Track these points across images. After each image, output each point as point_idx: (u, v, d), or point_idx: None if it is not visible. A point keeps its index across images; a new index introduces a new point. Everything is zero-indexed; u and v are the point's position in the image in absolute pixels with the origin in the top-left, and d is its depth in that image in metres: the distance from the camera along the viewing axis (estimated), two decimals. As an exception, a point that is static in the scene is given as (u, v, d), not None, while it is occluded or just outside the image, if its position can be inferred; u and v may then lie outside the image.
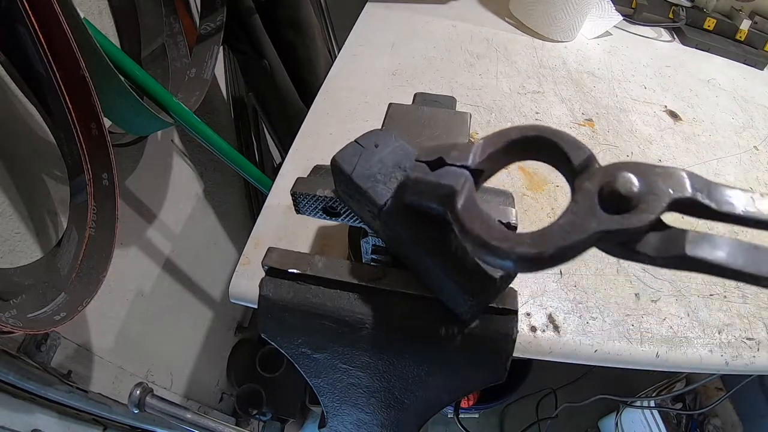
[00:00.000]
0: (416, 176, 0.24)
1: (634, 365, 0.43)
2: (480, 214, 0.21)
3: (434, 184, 0.23)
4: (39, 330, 0.43)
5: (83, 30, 0.46)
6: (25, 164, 0.55)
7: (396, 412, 0.30)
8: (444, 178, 0.23)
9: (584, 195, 0.20)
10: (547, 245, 0.19)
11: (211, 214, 1.09)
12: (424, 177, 0.23)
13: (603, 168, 0.21)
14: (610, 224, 0.19)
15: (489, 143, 0.23)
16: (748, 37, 0.89)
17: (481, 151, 0.23)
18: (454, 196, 0.22)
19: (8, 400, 0.53)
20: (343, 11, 0.99)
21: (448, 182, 0.22)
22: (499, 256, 0.20)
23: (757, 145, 0.68)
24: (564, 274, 0.47)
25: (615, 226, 0.19)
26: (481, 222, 0.21)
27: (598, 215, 0.19)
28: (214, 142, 0.74)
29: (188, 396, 1.05)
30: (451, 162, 0.23)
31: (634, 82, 0.76)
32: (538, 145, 0.23)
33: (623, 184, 0.19)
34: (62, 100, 0.43)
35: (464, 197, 0.22)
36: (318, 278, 0.29)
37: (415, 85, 0.68)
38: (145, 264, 0.85)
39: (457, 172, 0.23)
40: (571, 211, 0.20)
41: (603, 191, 0.20)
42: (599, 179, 0.20)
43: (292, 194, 0.32)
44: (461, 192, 0.22)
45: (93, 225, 0.50)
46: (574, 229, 0.19)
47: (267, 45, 0.88)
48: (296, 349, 0.30)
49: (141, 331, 0.85)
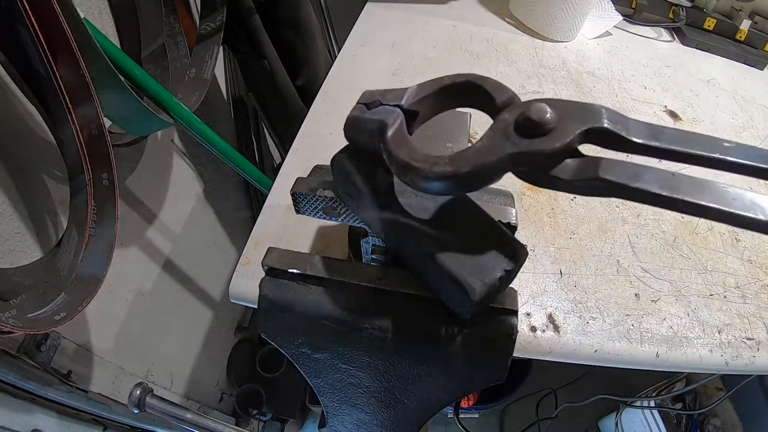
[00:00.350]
0: (353, 114, 0.26)
1: (634, 365, 0.43)
2: (407, 143, 0.23)
3: (367, 119, 0.25)
4: (39, 330, 0.43)
5: (83, 30, 0.45)
6: (25, 164, 0.55)
7: (396, 412, 0.30)
8: (377, 115, 0.25)
9: (500, 123, 0.22)
10: (462, 164, 0.21)
11: (211, 214, 1.09)
12: (361, 114, 0.26)
13: (522, 103, 0.22)
14: (522, 146, 0.21)
15: (422, 88, 0.25)
16: (748, 37, 0.89)
17: (414, 95, 0.25)
18: (384, 128, 0.24)
19: (8, 400, 0.53)
20: (343, 11, 0.99)
21: (380, 117, 0.25)
22: (420, 176, 0.22)
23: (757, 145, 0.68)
24: (564, 274, 0.47)
25: (527, 148, 0.20)
26: (407, 148, 0.23)
27: (512, 139, 0.21)
28: (214, 142, 0.74)
29: (188, 396, 1.05)
30: (386, 102, 0.25)
31: (634, 82, 0.76)
32: (467, 90, 0.25)
33: (536, 111, 0.21)
34: (62, 100, 0.43)
35: (393, 129, 0.24)
36: (318, 278, 0.29)
37: (415, 85, 0.68)
38: (145, 264, 0.85)
39: (389, 110, 0.25)
40: (488, 137, 0.22)
41: (518, 119, 0.21)
42: (516, 111, 0.22)
43: (292, 194, 0.32)
44: (391, 125, 0.24)
45: (93, 225, 0.50)
46: (489, 150, 0.21)
47: (267, 45, 0.88)
48: (296, 349, 0.30)
49: (141, 331, 0.85)
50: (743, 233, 0.55)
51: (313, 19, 0.94)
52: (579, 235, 0.50)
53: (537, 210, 0.53)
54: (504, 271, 0.25)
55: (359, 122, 0.26)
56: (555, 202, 0.54)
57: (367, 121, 0.25)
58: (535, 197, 0.54)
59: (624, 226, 0.52)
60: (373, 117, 0.25)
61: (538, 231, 0.51)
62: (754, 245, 0.54)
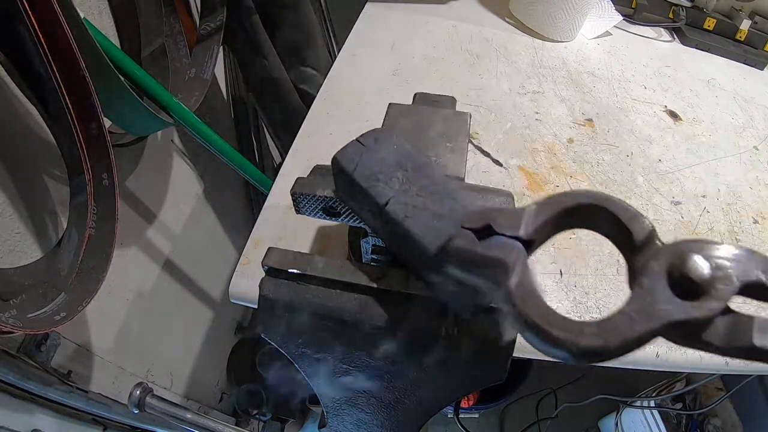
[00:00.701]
0: (461, 245, 0.20)
1: (634, 365, 0.43)
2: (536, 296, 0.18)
3: (482, 257, 0.20)
4: (39, 330, 0.43)
5: (83, 30, 0.46)
6: (25, 164, 0.55)
7: (396, 412, 0.30)
8: (494, 250, 0.20)
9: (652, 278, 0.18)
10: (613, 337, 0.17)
11: (211, 214, 1.09)
12: (471, 247, 0.20)
13: (668, 247, 0.19)
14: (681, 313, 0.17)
15: (541, 211, 0.20)
16: (748, 37, 0.89)
17: (533, 220, 0.20)
18: (506, 272, 0.19)
19: (8, 400, 0.53)
20: (343, 11, 0.99)
21: (499, 255, 0.19)
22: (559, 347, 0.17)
23: (757, 145, 0.68)
24: (564, 274, 0.47)
25: (686, 315, 0.17)
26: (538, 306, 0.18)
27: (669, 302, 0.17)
28: (214, 142, 0.74)
29: (188, 396, 1.05)
30: (500, 231, 0.20)
31: (634, 82, 0.76)
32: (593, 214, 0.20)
33: (695, 268, 0.17)
34: (62, 100, 0.43)
35: (518, 274, 0.19)
36: (318, 278, 0.29)
37: (415, 85, 0.68)
38: (145, 264, 0.85)
39: (507, 244, 0.20)
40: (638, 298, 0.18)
41: (672, 274, 0.18)
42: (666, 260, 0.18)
43: (292, 194, 0.32)
44: (515, 268, 0.19)
45: (93, 225, 0.50)
46: (644, 317, 0.17)
47: (267, 45, 0.88)
48: (296, 349, 0.30)
49: (141, 331, 0.85)
50: (743, 233, 0.55)
51: (313, 19, 0.94)
52: (579, 235, 0.50)
53: (537, 210, 0.53)
54: (504, 271, 0.25)
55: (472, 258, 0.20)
56: (555, 202, 0.54)
57: (481, 259, 0.20)
58: (535, 197, 0.54)
59: (624, 226, 0.52)
60: (489, 254, 0.20)
61: (538, 231, 0.50)
62: (754, 245, 0.54)
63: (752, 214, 0.57)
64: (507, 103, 0.67)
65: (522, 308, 0.18)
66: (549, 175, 0.57)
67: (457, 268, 0.21)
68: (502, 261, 0.19)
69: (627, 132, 0.65)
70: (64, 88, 0.42)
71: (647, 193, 0.57)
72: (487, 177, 0.56)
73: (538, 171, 0.57)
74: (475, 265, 0.20)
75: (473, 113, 0.64)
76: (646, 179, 0.59)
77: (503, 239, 0.20)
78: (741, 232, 0.55)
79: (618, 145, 0.63)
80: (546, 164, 0.58)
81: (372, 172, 0.29)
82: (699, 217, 0.55)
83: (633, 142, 0.64)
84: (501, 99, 0.67)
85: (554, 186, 0.56)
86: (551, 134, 0.63)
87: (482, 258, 0.20)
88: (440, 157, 0.37)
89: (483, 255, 0.20)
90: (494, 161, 0.58)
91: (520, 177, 0.56)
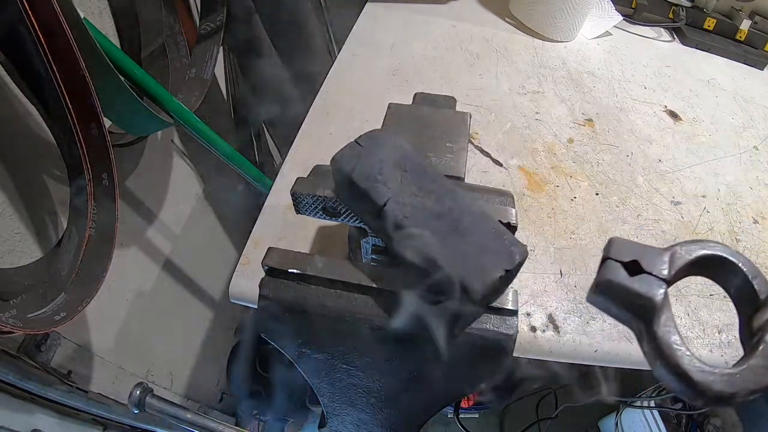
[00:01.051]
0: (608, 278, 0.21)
1: (634, 365, 0.43)
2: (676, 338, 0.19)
3: (631, 291, 0.20)
4: (39, 330, 0.43)
5: (83, 30, 0.45)
6: (25, 164, 0.55)
7: (396, 412, 0.30)
8: (641, 286, 0.20)
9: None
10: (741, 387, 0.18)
11: (211, 214, 1.09)
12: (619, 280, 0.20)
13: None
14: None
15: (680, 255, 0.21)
16: (748, 37, 0.89)
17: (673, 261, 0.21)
18: (653, 311, 0.20)
19: (8, 400, 0.53)
20: (343, 11, 0.99)
21: (646, 293, 0.20)
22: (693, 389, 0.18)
23: (757, 145, 0.68)
24: (564, 275, 0.47)
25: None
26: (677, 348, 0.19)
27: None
28: (214, 142, 0.74)
29: (188, 396, 1.05)
30: (648, 269, 0.20)
31: (634, 82, 0.76)
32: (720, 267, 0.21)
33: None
34: (62, 100, 0.43)
35: (664, 315, 0.20)
36: (318, 278, 0.29)
37: (415, 85, 0.68)
38: (145, 264, 0.85)
39: (654, 284, 0.20)
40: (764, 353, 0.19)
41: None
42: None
43: (292, 194, 0.32)
44: (661, 308, 0.20)
45: (93, 225, 0.50)
46: None
47: (267, 45, 0.88)
48: (296, 349, 0.30)
49: (141, 331, 0.85)
50: (743, 233, 0.55)
51: (313, 19, 0.94)
52: (579, 235, 0.50)
53: (537, 210, 0.53)
54: (504, 271, 0.25)
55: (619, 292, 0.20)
56: (555, 203, 0.54)
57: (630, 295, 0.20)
58: (535, 197, 0.54)
59: (624, 226, 0.52)
60: (637, 289, 0.20)
61: (538, 231, 0.51)
62: (754, 245, 0.54)
63: (752, 214, 0.57)
64: (507, 103, 0.67)
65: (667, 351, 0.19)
66: (549, 175, 0.57)
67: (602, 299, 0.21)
68: (651, 300, 0.20)
69: (627, 132, 0.65)
70: (64, 88, 0.42)
71: (647, 193, 0.57)
72: (487, 177, 0.56)
73: (538, 171, 0.57)
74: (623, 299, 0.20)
75: (473, 113, 0.64)
76: (646, 179, 0.59)
77: (651, 279, 0.20)
78: (741, 232, 0.55)
79: (618, 145, 0.63)
80: (546, 164, 0.58)
81: (371, 173, 0.29)
82: (699, 217, 0.55)
83: (633, 142, 0.64)
84: (501, 99, 0.67)
85: (554, 186, 0.56)
86: (551, 134, 0.63)
87: (632, 293, 0.20)
88: (440, 157, 0.37)
89: (634, 291, 0.20)
90: (494, 161, 0.58)
91: (520, 177, 0.56)
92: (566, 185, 0.56)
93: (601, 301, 0.21)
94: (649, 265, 0.21)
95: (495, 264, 0.26)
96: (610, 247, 0.21)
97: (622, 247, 0.21)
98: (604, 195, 0.56)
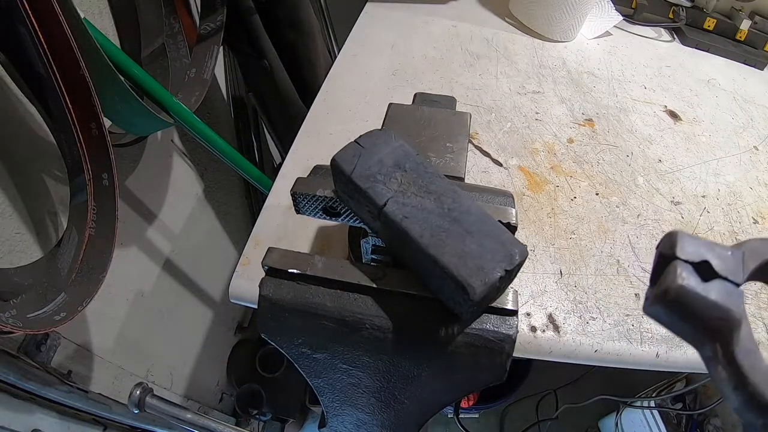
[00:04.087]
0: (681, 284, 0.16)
1: (634, 365, 0.43)
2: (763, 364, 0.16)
3: (707, 302, 0.16)
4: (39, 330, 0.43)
5: (83, 30, 0.45)
6: (25, 164, 0.55)
7: (396, 412, 0.30)
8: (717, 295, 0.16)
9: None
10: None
11: (211, 214, 1.09)
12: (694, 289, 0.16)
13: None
14: None
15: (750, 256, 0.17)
16: (748, 37, 0.89)
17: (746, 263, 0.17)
18: (732, 328, 0.16)
19: (8, 400, 0.53)
20: (343, 11, 0.99)
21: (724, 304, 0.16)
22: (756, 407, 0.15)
23: (757, 145, 0.68)
24: (564, 274, 0.47)
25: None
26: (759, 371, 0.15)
27: None
28: (214, 142, 0.74)
29: (188, 396, 1.05)
30: (723, 274, 0.16)
31: (634, 82, 0.76)
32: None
33: None
34: (62, 100, 0.43)
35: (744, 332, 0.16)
36: (318, 278, 0.29)
37: (415, 85, 0.68)
38: (145, 264, 0.85)
39: (731, 292, 0.16)
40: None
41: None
42: None
43: (292, 194, 0.32)
44: (740, 323, 0.16)
45: (93, 225, 0.50)
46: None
47: (267, 45, 0.88)
48: (296, 349, 0.30)
49: (141, 331, 0.85)
50: (743, 233, 0.55)
51: (313, 19, 0.94)
52: (579, 235, 0.50)
53: (537, 210, 0.53)
54: (504, 271, 0.25)
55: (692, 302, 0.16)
56: (555, 203, 0.54)
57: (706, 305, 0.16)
58: (535, 197, 0.54)
59: (624, 226, 0.52)
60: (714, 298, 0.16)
61: (538, 231, 0.51)
62: (754, 245, 0.54)
63: (752, 214, 0.57)
64: (507, 103, 0.67)
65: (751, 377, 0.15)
66: (549, 175, 0.57)
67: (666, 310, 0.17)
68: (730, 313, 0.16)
69: (627, 132, 0.65)
70: (64, 88, 0.42)
71: (647, 193, 0.57)
72: (487, 177, 0.56)
73: (538, 171, 0.57)
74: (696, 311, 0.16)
75: (473, 113, 0.64)
76: (646, 179, 0.59)
77: (727, 285, 0.16)
78: (741, 232, 0.55)
79: (618, 145, 0.63)
80: (546, 164, 0.58)
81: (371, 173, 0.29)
82: (699, 217, 0.55)
83: (633, 142, 0.64)
84: (501, 99, 0.67)
85: (554, 186, 0.56)
86: (551, 134, 0.63)
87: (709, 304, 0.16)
88: (440, 157, 0.37)
89: (714, 303, 0.16)
90: (494, 161, 0.58)
91: (520, 177, 0.56)
92: (566, 185, 0.56)
93: (667, 313, 0.17)
94: (722, 268, 0.16)
95: (495, 264, 0.26)
96: (674, 242, 0.17)
97: (690, 245, 0.17)
98: (604, 195, 0.56)
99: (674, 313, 0.16)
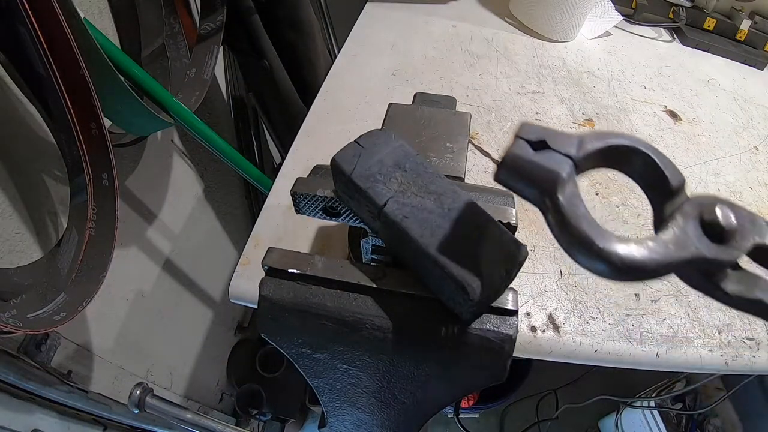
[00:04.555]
0: (515, 152, 0.21)
1: (634, 365, 0.43)
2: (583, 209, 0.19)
3: (536, 165, 0.20)
4: (39, 330, 0.43)
5: (83, 30, 0.45)
6: (25, 164, 0.55)
7: (396, 412, 0.30)
8: (546, 162, 0.20)
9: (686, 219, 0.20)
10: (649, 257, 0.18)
11: (211, 214, 1.09)
12: (525, 155, 0.21)
13: (697, 197, 0.21)
14: (709, 251, 0.19)
15: (590, 140, 0.21)
16: (748, 37, 0.89)
17: (583, 145, 0.21)
18: (556, 183, 0.20)
19: (8, 400, 0.53)
20: (343, 11, 0.99)
21: (551, 167, 0.20)
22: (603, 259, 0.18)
23: (757, 145, 0.68)
24: (564, 274, 0.47)
25: (714, 255, 0.19)
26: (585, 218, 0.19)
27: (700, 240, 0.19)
28: (214, 142, 0.74)
29: (188, 396, 1.05)
30: (555, 147, 0.21)
31: (634, 82, 0.76)
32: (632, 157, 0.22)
33: (724, 216, 0.19)
34: (62, 100, 0.43)
35: (568, 187, 0.20)
36: (318, 278, 0.29)
37: (415, 85, 0.68)
38: (145, 264, 0.85)
39: (560, 160, 0.20)
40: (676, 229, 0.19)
41: (704, 219, 0.20)
42: (697, 206, 0.20)
43: (292, 194, 0.32)
44: (566, 181, 0.20)
45: (93, 225, 0.50)
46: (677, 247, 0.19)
47: (267, 45, 0.88)
48: (296, 349, 0.30)
49: (141, 331, 0.85)
50: None
51: (313, 19, 0.94)
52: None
53: (537, 210, 0.53)
54: (504, 271, 0.25)
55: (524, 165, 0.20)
56: (555, 202, 0.54)
57: (535, 168, 0.20)
58: (535, 197, 0.54)
59: (624, 226, 0.52)
60: (543, 164, 0.20)
61: (538, 231, 0.51)
62: (754, 245, 0.54)
63: (752, 214, 0.57)
64: (507, 103, 0.67)
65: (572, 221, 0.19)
66: (549, 175, 0.57)
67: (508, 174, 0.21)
68: (555, 172, 0.20)
69: (627, 132, 0.65)
70: (64, 88, 0.42)
71: (647, 193, 0.57)
72: (487, 177, 0.56)
73: (538, 171, 0.57)
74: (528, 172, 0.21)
75: (473, 113, 0.64)
76: (646, 179, 0.59)
77: (557, 156, 0.20)
78: None
79: (618, 145, 0.63)
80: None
81: (371, 173, 0.29)
82: (699, 217, 0.55)
83: (633, 142, 0.64)
84: (501, 99, 0.67)
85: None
86: (551, 134, 0.63)
87: (537, 166, 0.20)
88: (440, 157, 0.37)
89: (538, 164, 0.20)
90: (494, 161, 0.58)
91: (520, 177, 0.56)
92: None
93: (508, 177, 0.21)
94: (557, 145, 0.21)
95: (495, 264, 0.26)
96: (519, 128, 0.22)
97: (531, 129, 0.21)
98: (604, 195, 0.56)
99: (513, 176, 0.21)
